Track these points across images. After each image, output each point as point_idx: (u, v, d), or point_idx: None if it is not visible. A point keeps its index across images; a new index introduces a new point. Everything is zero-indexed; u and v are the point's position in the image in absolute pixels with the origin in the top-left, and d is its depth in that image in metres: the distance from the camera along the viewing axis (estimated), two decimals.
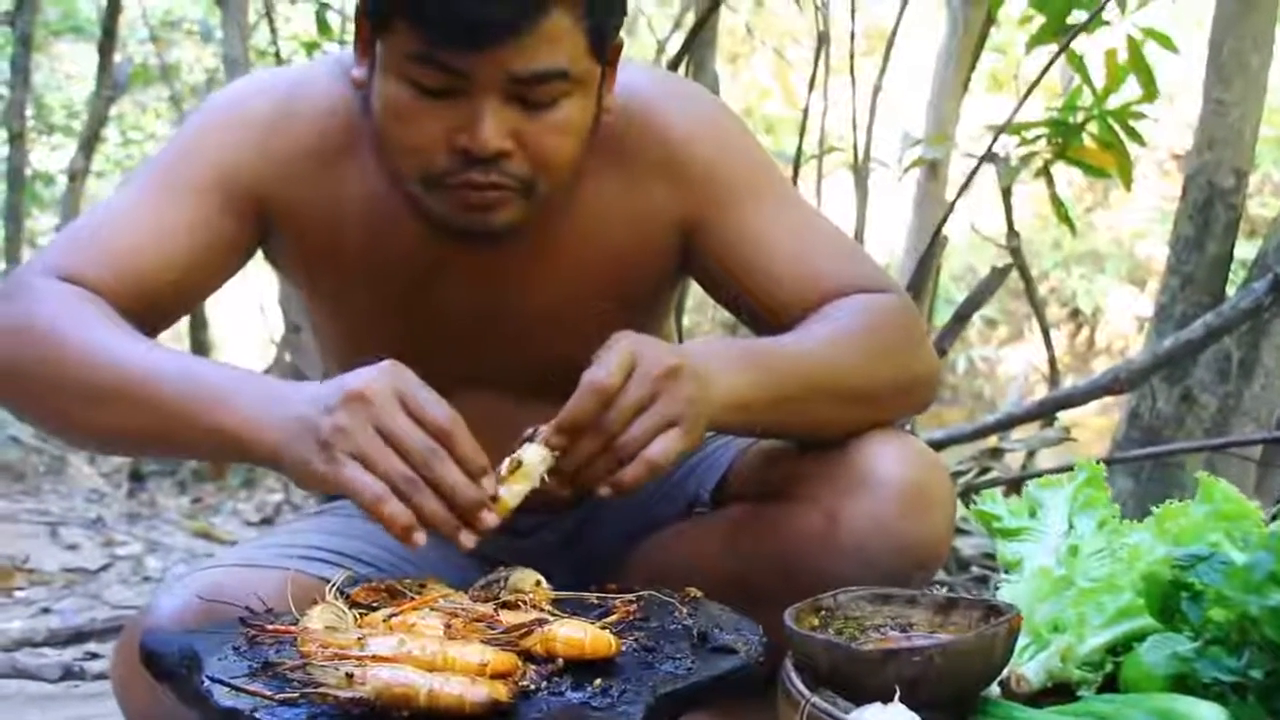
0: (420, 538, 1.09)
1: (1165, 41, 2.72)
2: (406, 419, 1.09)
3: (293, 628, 1.08)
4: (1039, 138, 2.76)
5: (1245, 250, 3.30)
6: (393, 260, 1.41)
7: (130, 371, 1.18)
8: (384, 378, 1.12)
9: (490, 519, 1.11)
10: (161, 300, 1.35)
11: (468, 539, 1.11)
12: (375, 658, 0.99)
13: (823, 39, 2.87)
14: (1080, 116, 2.72)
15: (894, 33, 2.76)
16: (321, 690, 0.96)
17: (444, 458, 1.09)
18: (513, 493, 1.15)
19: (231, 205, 1.37)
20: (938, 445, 2.59)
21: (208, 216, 1.36)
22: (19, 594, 3.01)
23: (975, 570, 2.67)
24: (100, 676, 2.19)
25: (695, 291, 1.64)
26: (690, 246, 1.45)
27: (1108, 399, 2.79)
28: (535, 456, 1.16)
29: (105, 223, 1.36)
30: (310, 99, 1.42)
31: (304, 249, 1.42)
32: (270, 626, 1.09)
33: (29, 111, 6.82)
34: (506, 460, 1.16)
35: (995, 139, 2.64)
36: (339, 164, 1.40)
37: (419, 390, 1.12)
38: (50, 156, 8.95)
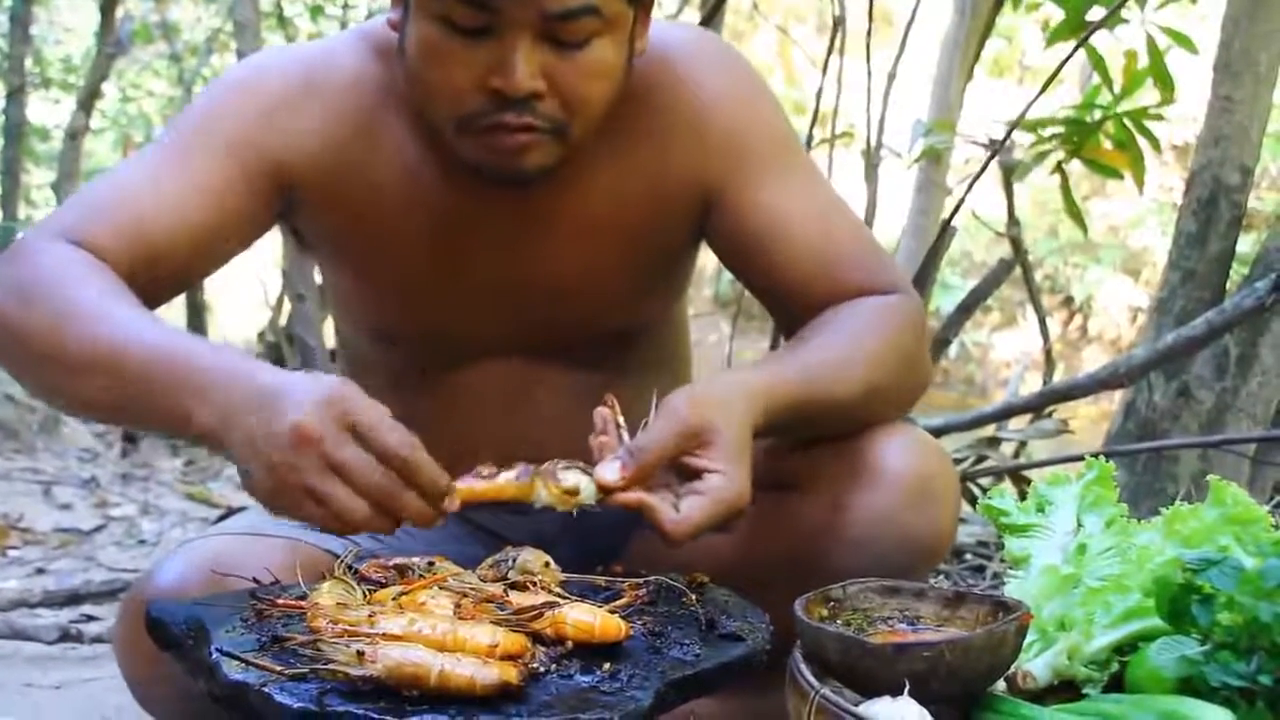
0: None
1: (1186, 43, 2.70)
2: (357, 452, 1.04)
3: (303, 602, 1.08)
4: (1055, 136, 2.74)
5: (1241, 245, 3.31)
6: (421, 227, 1.40)
7: (106, 342, 1.15)
8: (329, 410, 1.04)
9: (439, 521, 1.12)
10: (169, 268, 1.33)
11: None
12: (386, 636, 0.99)
13: (838, 23, 2.86)
14: (1097, 115, 2.70)
15: (910, 23, 2.74)
16: (332, 667, 0.96)
17: (402, 491, 1.06)
18: (548, 496, 1.20)
19: (247, 175, 1.36)
20: (935, 433, 2.59)
21: (221, 184, 1.35)
22: (13, 553, 3.01)
23: (970, 559, 2.68)
24: (97, 639, 2.20)
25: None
26: (710, 213, 1.44)
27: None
28: (587, 494, 1.20)
29: (117, 187, 1.34)
30: (330, 74, 1.41)
31: (333, 221, 1.42)
32: (281, 601, 1.09)
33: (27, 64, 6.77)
34: (566, 474, 1.20)
35: (1009, 134, 2.63)
36: (366, 136, 1.39)
37: (370, 413, 1.06)
38: (47, 111, 8.89)
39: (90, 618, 2.40)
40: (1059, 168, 2.80)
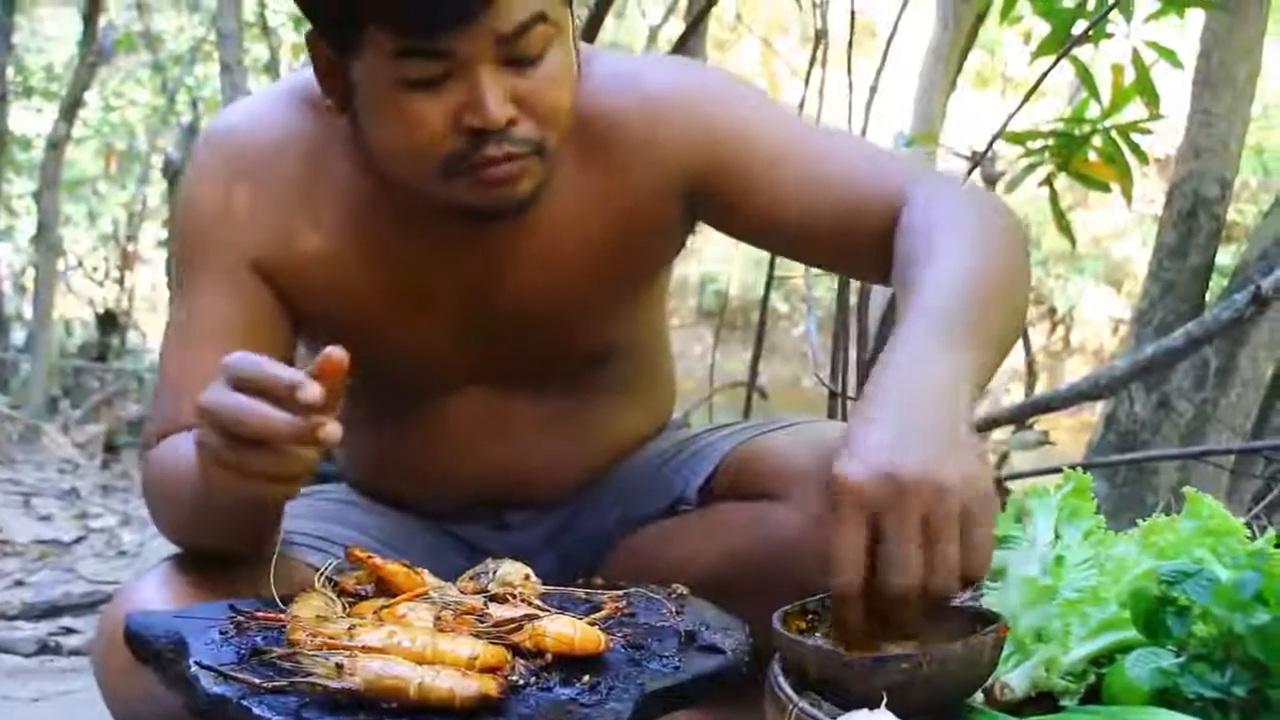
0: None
1: (1172, 58, 2.72)
2: (226, 394, 1.02)
3: (282, 615, 1.08)
4: (1043, 148, 2.74)
5: (1220, 257, 3.35)
6: (381, 274, 1.39)
7: (188, 504, 1.23)
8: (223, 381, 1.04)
9: (332, 430, 1.02)
10: None
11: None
12: (365, 649, 0.99)
13: (820, 35, 2.87)
14: (1085, 129, 2.71)
15: (892, 35, 2.75)
16: (310, 680, 0.96)
17: (249, 415, 1.00)
18: None
19: (254, 284, 1.37)
20: None
21: (246, 309, 1.37)
22: None
23: None
24: (76, 652, 2.19)
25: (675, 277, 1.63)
26: (704, 217, 1.43)
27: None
28: None
29: (175, 375, 1.37)
30: (259, 143, 1.40)
31: (295, 286, 1.40)
32: (260, 614, 1.09)
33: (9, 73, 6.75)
34: None
35: (990, 144, 2.64)
36: (308, 194, 1.38)
37: (238, 359, 1.04)
38: (29, 120, 8.87)
39: (69, 630, 2.39)
40: (1048, 181, 2.80)
